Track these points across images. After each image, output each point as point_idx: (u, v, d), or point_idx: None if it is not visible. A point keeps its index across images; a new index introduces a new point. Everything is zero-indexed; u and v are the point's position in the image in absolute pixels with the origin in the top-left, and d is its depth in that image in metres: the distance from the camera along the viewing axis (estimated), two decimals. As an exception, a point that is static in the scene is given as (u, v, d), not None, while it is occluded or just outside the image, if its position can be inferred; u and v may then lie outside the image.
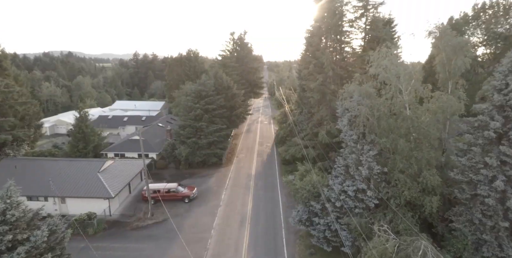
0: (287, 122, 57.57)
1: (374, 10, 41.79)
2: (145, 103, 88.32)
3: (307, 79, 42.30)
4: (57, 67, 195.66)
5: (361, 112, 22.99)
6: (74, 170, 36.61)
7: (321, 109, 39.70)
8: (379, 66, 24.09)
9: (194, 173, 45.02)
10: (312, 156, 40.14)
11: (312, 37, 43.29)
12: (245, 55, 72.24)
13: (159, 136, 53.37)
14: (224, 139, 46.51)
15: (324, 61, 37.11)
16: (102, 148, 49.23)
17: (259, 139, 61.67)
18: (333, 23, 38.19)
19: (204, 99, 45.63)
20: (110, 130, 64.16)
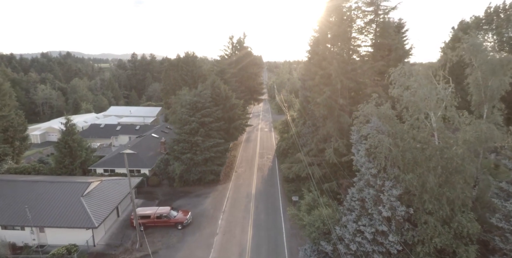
0: (289, 133, 53.72)
1: (385, 15, 37.98)
2: (140, 109, 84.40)
3: (312, 91, 38.48)
4: (54, 68, 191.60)
5: (382, 143, 19.17)
6: (55, 193, 32.79)
7: (327, 124, 35.88)
8: (401, 86, 20.30)
9: (189, 191, 41.21)
10: (318, 175, 36.38)
11: (317, 44, 39.44)
12: (244, 60, 68.32)
13: (153, 148, 49.53)
14: (222, 154, 42.70)
15: (332, 73, 33.28)
16: (90, 163, 45.38)
17: (259, 150, 57.85)
18: (341, 30, 34.34)
19: (200, 111, 41.78)
20: (102, 139, 60.29)
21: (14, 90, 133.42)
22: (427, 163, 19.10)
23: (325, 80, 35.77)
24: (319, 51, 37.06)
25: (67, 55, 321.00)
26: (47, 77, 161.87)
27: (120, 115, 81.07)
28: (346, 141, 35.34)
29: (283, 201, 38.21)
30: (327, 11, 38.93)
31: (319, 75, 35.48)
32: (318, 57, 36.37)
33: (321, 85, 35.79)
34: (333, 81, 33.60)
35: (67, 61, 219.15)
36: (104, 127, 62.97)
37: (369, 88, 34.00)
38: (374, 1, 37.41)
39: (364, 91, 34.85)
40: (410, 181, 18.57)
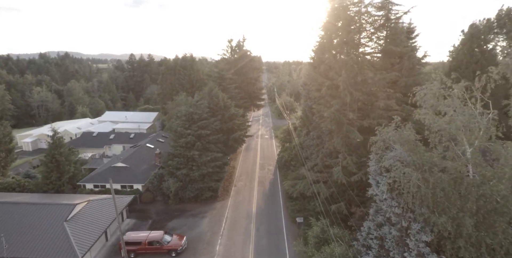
0: (292, 143, 50.57)
1: (396, 20, 34.80)
2: (136, 115, 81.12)
3: (317, 102, 35.30)
4: (50, 70, 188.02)
5: (409, 178, 16.01)
6: (37, 217, 29.62)
7: (334, 139, 32.71)
8: (431, 108, 17.13)
9: (185, 209, 38.04)
10: (324, 195, 33.24)
11: (322, 51, 36.27)
12: (244, 64, 65.09)
13: (147, 161, 46.32)
14: (220, 169, 39.53)
15: (340, 84, 30.09)
16: (80, 178, 42.19)
17: (259, 160, 54.68)
18: (350, 37, 31.15)
19: (196, 123, 38.59)
20: (95, 149, 57.03)
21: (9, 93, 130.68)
22: (463, 202, 15.96)
23: (332, 91, 32.60)
24: (325, 59, 33.85)
25: (65, 55, 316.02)
26: (43, 79, 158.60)
27: (115, 121, 77.78)
28: (356, 158, 32.25)
29: (286, 221, 35.09)
30: (332, 15, 35.72)
31: (326, 86, 32.30)
32: (324, 66, 33.16)
33: (328, 97, 32.62)
34: (342, 93, 30.42)
35: (64, 63, 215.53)
36: (97, 135, 59.69)
37: (381, 100, 30.84)
38: (385, 5, 34.23)
39: (375, 104, 31.68)
40: (443, 225, 15.44)
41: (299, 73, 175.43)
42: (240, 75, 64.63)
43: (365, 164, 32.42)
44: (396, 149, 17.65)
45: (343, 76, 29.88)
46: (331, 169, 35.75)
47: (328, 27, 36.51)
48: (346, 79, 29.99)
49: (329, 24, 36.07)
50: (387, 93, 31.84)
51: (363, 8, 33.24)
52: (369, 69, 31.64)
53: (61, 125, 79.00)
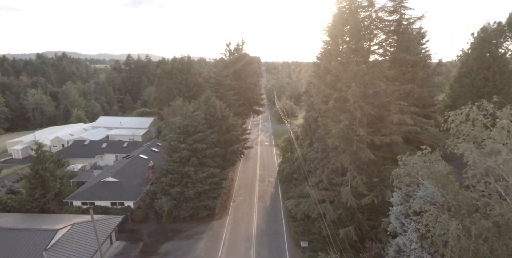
0: (294, 155, 47.50)
1: (409, 25, 31.76)
2: (131, 120, 77.87)
3: (323, 116, 32.21)
4: (46, 71, 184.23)
5: (447, 227, 12.98)
6: (14, 245, 26.47)
7: (342, 155, 29.65)
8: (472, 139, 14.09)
9: (180, 229, 34.94)
10: (331, 217, 30.19)
11: (328, 59, 33.22)
12: (242, 69, 61.94)
13: (140, 174, 43.18)
14: (218, 186, 36.43)
15: (349, 96, 27.01)
16: (67, 194, 39.03)
17: (259, 171, 51.60)
18: (360, 44, 28.07)
19: (192, 136, 35.47)
20: (85, 159, 53.78)
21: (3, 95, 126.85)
22: (511, 257, 12.93)
23: (340, 104, 29.55)
24: (332, 68, 30.77)
25: (63, 56, 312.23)
26: (38, 81, 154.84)
27: (109, 127, 74.50)
28: (366, 177, 29.23)
29: (289, 245, 32.03)
30: (339, 19, 32.63)
31: (333, 98, 29.23)
32: (331, 76, 30.09)
33: (335, 111, 29.56)
34: (351, 107, 27.38)
35: (61, 63, 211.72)
36: (88, 144, 56.44)
37: (394, 115, 27.78)
38: (397, 9, 31.19)
39: (387, 118, 28.62)
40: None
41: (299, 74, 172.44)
42: (238, 80, 61.47)
43: (377, 184, 29.50)
44: (426, 186, 14.59)
45: (353, 89, 26.82)
46: (337, 186, 32.82)
47: (334, 33, 33.45)
48: (356, 91, 26.93)
49: (335, 29, 33.00)
50: (400, 106, 28.82)
51: (374, 13, 30.22)
52: (381, 80, 28.60)
53: (54, 131, 75.78)
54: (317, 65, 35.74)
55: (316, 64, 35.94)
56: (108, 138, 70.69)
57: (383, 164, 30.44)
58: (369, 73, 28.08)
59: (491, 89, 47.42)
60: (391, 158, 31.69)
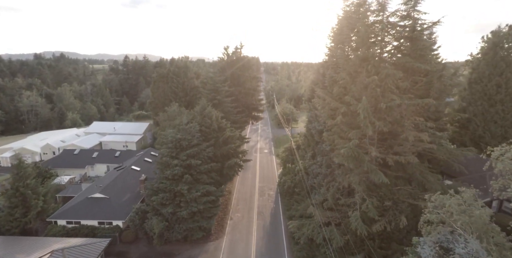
0: (295, 167, 44.47)
1: (423, 31, 28.72)
2: (126, 126, 74.67)
3: (330, 131, 29.16)
4: (43, 72, 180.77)
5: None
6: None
7: (351, 176, 26.64)
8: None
9: (172, 252, 31.89)
10: (338, 243, 27.17)
11: (334, 69, 30.16)
12: (241, 74, 58.86)
13: (131, 188, 40.10)
14: (213, 205, 33.36)
15: (359, 111, 23.99)
16: (51, 212, 35.95)
17: (259, 182, 48.57)
18: (372, 53, 25.05)
19: (185, 151, 32.40)
20: (75, 170, 50.67)
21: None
22: None
23: (349, 119, 26.53)
24: (339, 79, 27.72)
25: (61, 56, 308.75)
26: (34, 83, 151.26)
27: (103, 133, 71.30)
28: (377, 200, 26.25)
29: (291, 272, 29.00)
30: (347, 24, 29.64)
31: (341, 113, 26.21)
32: (338, 88, 27.06)
33: (344, 126, 26.51)
34: (362, 123, 24.36)
35: (58, 64, 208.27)
36: (78, 153, 53.28)
37: (409, 132, 24.77)
38: (410, 14, 28.14)
39: (401, 135, 25.62)
40: None
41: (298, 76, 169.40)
42: (237, 85, 58.38)
43: (389, 209, 26.53)
44: (467, 240, 11.60)
45: (364, 103, 23.79)
46: (344, 207, 29.84)
47: (340, 39, 30.46)
48: (367, 106, 23.89)
49: (342, 35, 30.02)
50: (415, 121, 25.81)
51: (385, 18, 27.20)
52: (394, 92, 25.59)
53: (45, 137, 72.58)
54: (322, 73, 32.71)
55: (320, 72, 32.88)
56: (101, 144, 67.58)
57: (395, 184, 27.50)
58: (381, 85, 25.08)
59: (504, 96, 44.53)
60: (403, 177, 28.79)
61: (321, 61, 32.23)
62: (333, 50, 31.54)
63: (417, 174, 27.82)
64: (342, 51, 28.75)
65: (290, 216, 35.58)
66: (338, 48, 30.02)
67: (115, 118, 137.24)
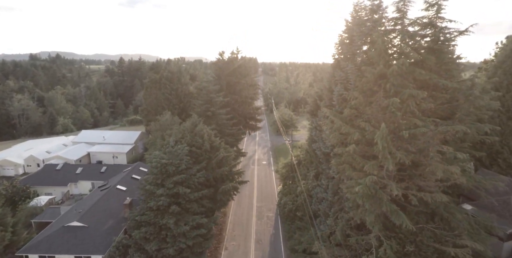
0: (296, 187, 40.18)
1: (448, 42, 24.46)
2: (116, 135, 70.08)
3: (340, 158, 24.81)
4: (36, 74, 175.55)
5: None
6: None
7: (367, 215, 22.33)
8: None
9: (158, 293, 27.58)
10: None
11: (345, 86, 25.83)
12: (237, 81, 54.44)
13: (114, 213, 35.67)
14: (205, 239, 29.03)
15: (377, 141, 19.70)
16: (21, 244, 31.52)
17: (256, 202, 44.24)
18: (393, 71, 20.75)
19: (172, 177, 28.04)
20: (57, 188, 46.18)
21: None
22: None
23: (363, 148, 22.24)
24: (350, 98, 23.42)
25: (56, 57, 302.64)
26: (26, 85, 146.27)
27: (91, 143, 66.68)
28: (398, 244, 21.99)
29: None
30: (359, 34, 25.31)
31: (353, 140, 21.92)
32: (350, 109, 22.74)
33: (357, 156, 22.19)
34: (380, 154, 20.07)
35: (52, 66, 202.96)
36: (61, 169, 48.72)
37: (437, 165, 20.46)
38: (433, 22, 23.86)
39: (425, 166, 21.36)
40: None
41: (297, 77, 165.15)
42: (233, 93, 53.95)
43: (411, 254, 22.31)
44: None
45: (383, 132, 19.48)
46: (356, 244, 25.60)
47: (350, 50, 26.14)
48: (386, 135, 19.60)
49: (353, 45, 25.70)
50: (443, 151, 21.53)
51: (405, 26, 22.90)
52: (417, 116, 21.34)
53: (31, 146, 67.96)
54: (328, 88, 28.36)
55: (327, 88, 28.52)
56: (89, 155, 63.06)
57: (417, 222, 23.31)
58: (402, 108, 20.81)
59: (525, 109, 40.45)
60: (424, 212, 24.61)
61: (328, 75, 27.81)
62: (341, 61, 27.19)
63: (441, 209, 23.62)
64: (353, 65, 24.42)
65: (292, 249, 31.32)
66: (348, 60, 25.71)
67: (109, 122, 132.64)
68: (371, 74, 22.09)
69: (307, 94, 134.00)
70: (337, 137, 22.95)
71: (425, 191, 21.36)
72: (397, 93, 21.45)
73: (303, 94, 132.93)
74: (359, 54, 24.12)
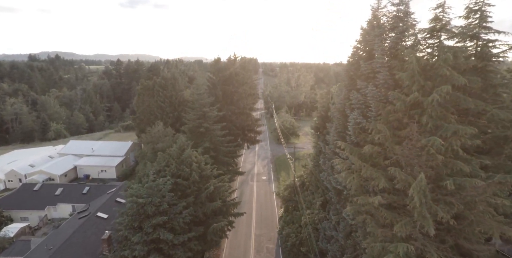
0: (300, 217, 34.95)
1: (494, 58, 19.20)
2: (106, 146, 64.88)
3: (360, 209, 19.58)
4: (32, 76, 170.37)
5: None
6: None
7: None
8: None
9: None
10: None
11: (362, 111, 20.59)
12: (234, 90, 49.21)
13: (91, 249, 30.51)
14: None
15: (413, 194, 14.52)
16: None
17: (255, 229, 39.09)
18: (433, 101, 15.57)
19: (151, 219, 22.91)
20: (34, 211, 41.13)
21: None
22: None
23: (390, 198, 17.01)
24: (372, 130, 18.21)
25: (56, 58, 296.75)
26: (20, 88, 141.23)
27: (79, 154, 61.55)
28: None
29: None
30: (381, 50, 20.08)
31: (376, 187, 16.74)
32: (373, 147, 17.51)
33: (385, 211, 16.90)
34: (415, 211, 14.90)
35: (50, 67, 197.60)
36: (39, 190, 43.58)
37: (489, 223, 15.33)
38: (477, 34, 18.59)
39: (472, 223, 16.22)
40: None
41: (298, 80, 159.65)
42: (230, 104, 48.76)
43: None
44: None
45: (421, 183, 14.30)
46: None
47: (370, 67, 20.89)
48: (424, 187, 14.43)
49: (374, 62, 20.47)
50: (494, 203, 16.32)
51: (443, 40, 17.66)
52: (461, 157, 16.15)
53: (16, 158, 62.91)
54: (342, 112, 23.01)
55: (340, 110, 23.16)
56: (76, 169, 58.04)
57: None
58: (444, 149, 15.60)
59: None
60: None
61: (342, 97, 22.48)
62: (356, 79, 21.95)
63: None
64: (374, 87, 19.20)
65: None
66: (367, 80, 20.48)
67: (105, 126, 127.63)
68: (401, 102, 16.88)
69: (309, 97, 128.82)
70: (356, 182, 17.69)
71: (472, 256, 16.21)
72: (436, 128, 16.27)
73: (304, 97, 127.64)
74: (382, 74, 18.90)
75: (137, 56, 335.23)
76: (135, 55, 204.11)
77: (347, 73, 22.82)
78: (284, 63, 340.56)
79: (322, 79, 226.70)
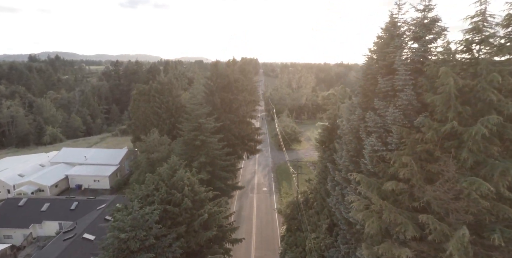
0: (305, 243, 31.81)
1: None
2: (100, 154, 61.73)
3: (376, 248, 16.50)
4: (31, 78, 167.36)
5: None
6: None
7: None
8: None
9: None
10: None
11: (380, 136, 17.45)
12: (233, 98, 46.04)
13: (74, 278, 27.53)
14: None
15: (453, 252, 11.42)
16: None
17: (255, 250, 35.98)
18: (477, 133, 12.39)
19: (136, 256, 19.80)
20: (18, 230, 38.09)
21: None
22: None
23: (418, 248, 13.87)
24: (397, 163, 15.06)
25: (55, 58, 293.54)
26: (17, 90, 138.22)
27: (71, 163, 58.46)
28: None
29: None
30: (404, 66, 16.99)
31: (404, 234, 13.62)
32: (398, 184, 14.36)
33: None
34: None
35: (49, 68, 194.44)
36: (24, 205, 40.48)
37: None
38: None
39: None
40: None
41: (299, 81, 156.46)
42: (228, 112, 45.61)
43: None
44: None
45: (461, 239, 11.22)
46: None
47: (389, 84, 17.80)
48: (467, 243, 11.34)
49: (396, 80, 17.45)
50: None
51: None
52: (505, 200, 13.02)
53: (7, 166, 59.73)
54: (355, 134, 19.82)
55: (353, 132, 19.97)
56: (67, 179, 55.05)
57: None
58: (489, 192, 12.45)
59: None
60: None
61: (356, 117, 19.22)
62: (372, 96, 18.79)
63: None
64: (396, 109, 16.03)
65: None
66: (386, 98, 17.32)
67: (103, 129, 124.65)
68: (432, 132, 13.71)
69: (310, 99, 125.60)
70: (376, 226, 14.53)
71: None
72: (478, 165, 13.11)
73: (305, 100, 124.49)
74: (405, 93, 15.75)
75: (137, 56, 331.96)
76: (135, 56, 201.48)
77: (362, 90, 19.60)
78: (284, 63, 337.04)
79: (323, 79, 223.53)
